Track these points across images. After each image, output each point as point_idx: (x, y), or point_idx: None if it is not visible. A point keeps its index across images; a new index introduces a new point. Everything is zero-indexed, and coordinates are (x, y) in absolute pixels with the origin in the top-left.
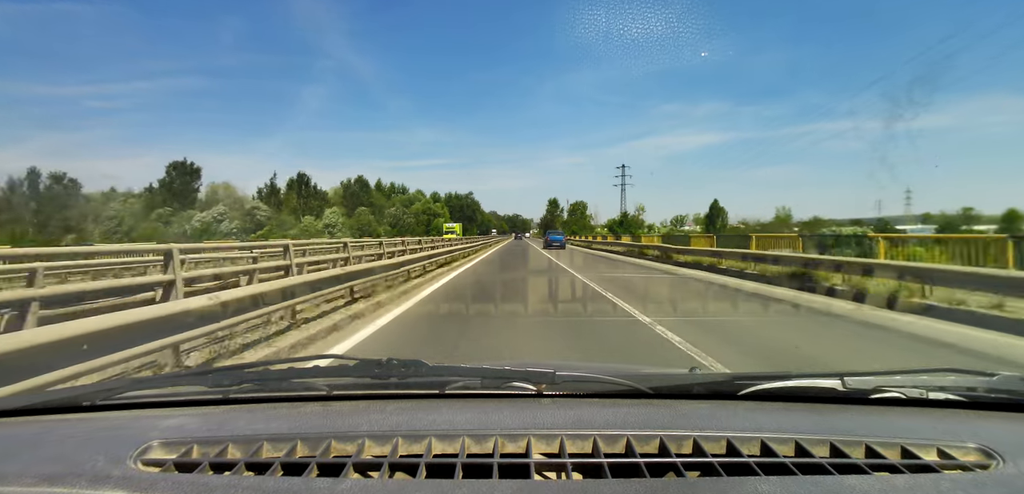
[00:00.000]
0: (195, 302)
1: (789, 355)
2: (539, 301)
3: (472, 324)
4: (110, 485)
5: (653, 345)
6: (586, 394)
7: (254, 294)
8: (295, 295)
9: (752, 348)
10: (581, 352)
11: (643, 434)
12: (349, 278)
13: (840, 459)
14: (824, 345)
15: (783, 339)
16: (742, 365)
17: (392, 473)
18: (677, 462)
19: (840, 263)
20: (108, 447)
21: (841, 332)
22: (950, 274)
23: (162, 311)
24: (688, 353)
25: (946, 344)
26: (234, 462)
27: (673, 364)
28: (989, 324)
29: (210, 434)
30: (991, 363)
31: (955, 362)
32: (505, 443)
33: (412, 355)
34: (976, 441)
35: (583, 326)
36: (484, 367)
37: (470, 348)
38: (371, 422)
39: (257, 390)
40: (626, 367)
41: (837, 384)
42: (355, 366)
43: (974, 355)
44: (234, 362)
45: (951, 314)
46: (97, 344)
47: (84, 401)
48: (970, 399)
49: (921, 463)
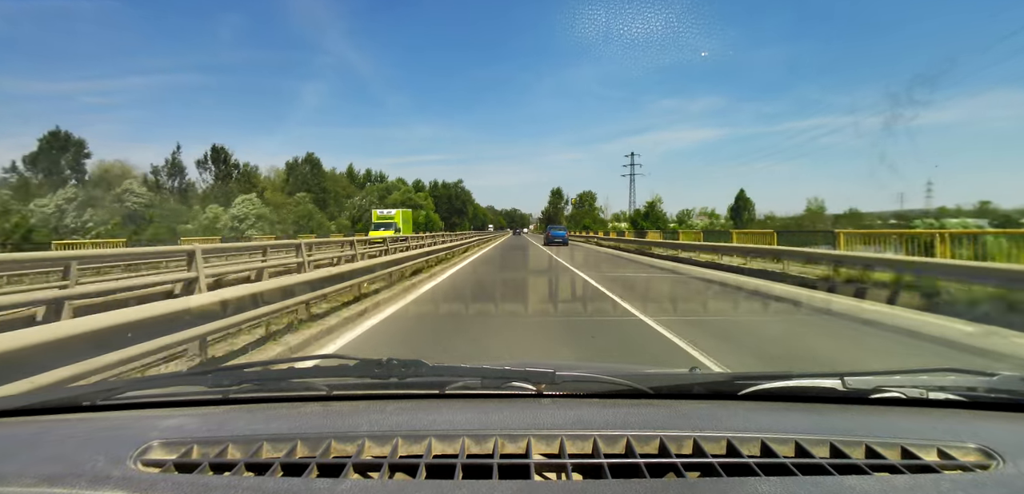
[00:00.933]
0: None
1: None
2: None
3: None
4: (110, 485)
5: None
6: (586, 394)
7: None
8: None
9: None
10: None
11: (643, 434)
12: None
13: (840, 459)
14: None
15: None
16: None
17: (392, 473)
18: (677, 462)
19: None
20: (108, 447)
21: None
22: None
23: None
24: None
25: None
26: (234, 462)
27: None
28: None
29: (210, 434)
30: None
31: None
32: (505, 443)
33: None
34: (976, 441)
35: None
36: (484, 367)
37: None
38: (371, 422)
39: (257, 390)
40: (626, 367)
41: (837, 384)
42: (355, 366)
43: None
44: (233, 364)
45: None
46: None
47: (84, 401)
48: (970, 399)
49: (921, 463)
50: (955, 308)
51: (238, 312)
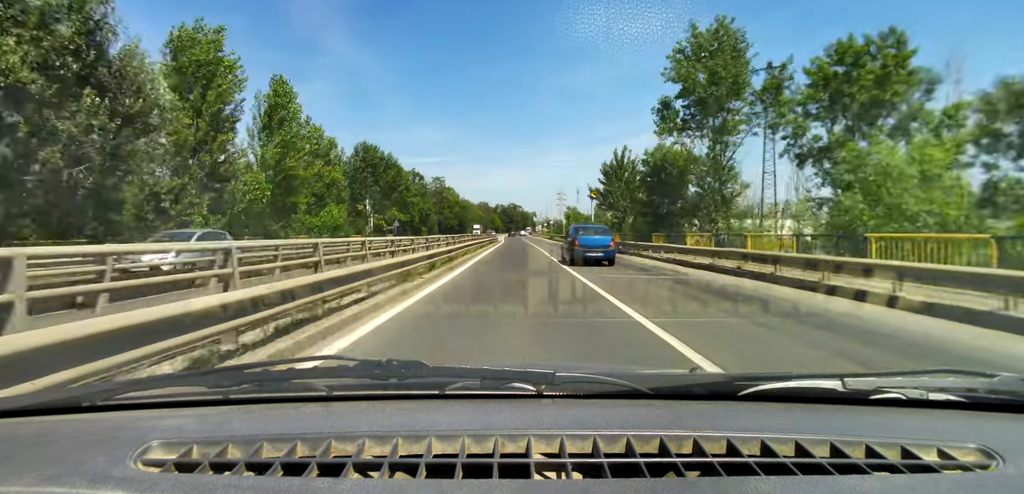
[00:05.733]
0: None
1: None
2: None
3: None
4: (110, 485)
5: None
6: (586, 394)
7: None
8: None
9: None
10: None
11: (643, 434)
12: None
13: (840, 459)
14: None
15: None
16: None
17: (392, 473)
18: (677, 462)
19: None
20: (108, 447)
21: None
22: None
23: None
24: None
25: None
26: (234, 462)
27: None
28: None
29: (210, 434)
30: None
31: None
32: (505, 443)
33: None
34: (976, 441)
35: None
36: (484, 368)
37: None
38: (371, 422)
39: (257, 391)
40: (626, 368)
41: (837, 385)
42: (355, 366)
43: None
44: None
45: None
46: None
47: (84, 401)
48: (970, 400)
49: (921, 463)
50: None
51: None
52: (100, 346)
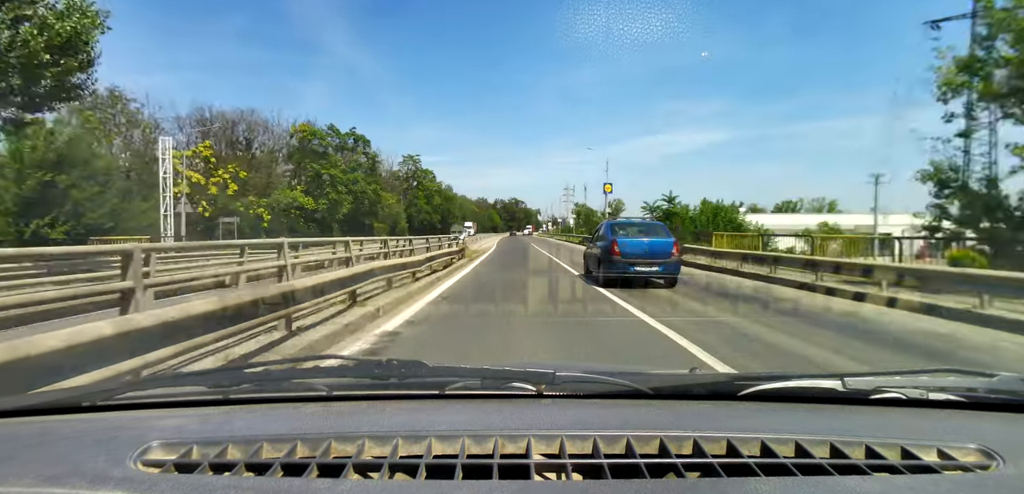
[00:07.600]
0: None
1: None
2: None
3: None
4: (110, 485)
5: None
6: (586, 394)
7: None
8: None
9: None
10: None
11: (643, 435)
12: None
13: (840, 460)
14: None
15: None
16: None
17: (392, 474)
18: (677, 463)
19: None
20: (108, 447)
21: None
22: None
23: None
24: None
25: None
26: (234, 463)
27: None
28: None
29: (210, 435)
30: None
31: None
32: (505, 444)
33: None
34: (976, 442)
35: None
36: (484, 368)
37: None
38: (371, 423)
39: (257, 391)
40: (626, 368)
41: (837, 385)
42: (355, 367)
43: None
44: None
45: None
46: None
47: (84, 401)
48: (970, 400)
49: (921, 464)
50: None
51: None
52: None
